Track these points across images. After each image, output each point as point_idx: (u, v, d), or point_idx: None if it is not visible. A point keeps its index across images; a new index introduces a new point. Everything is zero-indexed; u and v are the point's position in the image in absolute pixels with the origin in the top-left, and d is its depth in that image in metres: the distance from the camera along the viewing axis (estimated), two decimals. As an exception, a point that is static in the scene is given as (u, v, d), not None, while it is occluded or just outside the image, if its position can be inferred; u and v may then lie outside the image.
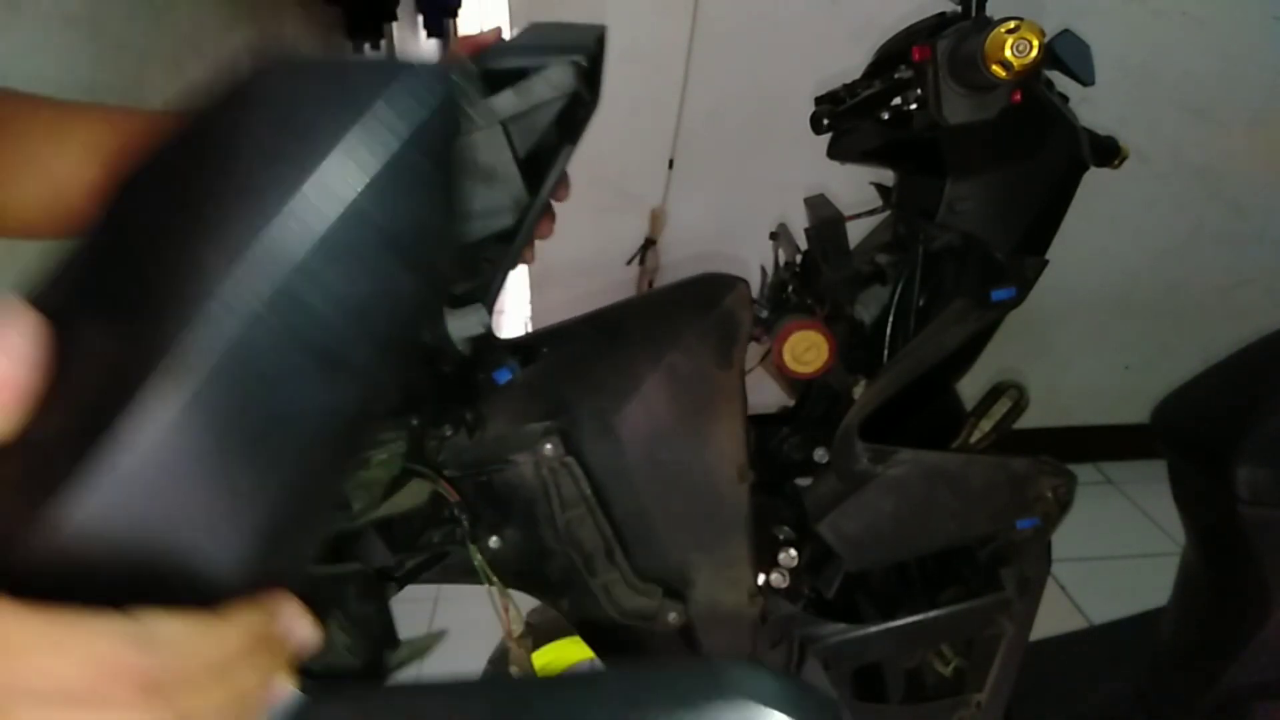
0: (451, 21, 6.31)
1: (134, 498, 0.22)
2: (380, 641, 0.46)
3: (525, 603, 1.30)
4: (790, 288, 0.97)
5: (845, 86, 0.91)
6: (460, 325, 0.48)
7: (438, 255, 0.26)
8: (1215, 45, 2.10)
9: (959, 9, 0.86)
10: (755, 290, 1.00)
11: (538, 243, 0.53)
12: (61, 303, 0.23)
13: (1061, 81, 0.93)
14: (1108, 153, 0.95)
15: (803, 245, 1.01)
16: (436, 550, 0.54)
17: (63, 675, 0.22)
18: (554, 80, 0.46)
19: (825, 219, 0.95)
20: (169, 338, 0.21)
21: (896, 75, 0.84)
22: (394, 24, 4.68)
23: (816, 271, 0.97)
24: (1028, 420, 0.92)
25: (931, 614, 0.91)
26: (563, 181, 0.55)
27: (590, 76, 0.50)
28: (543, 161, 0.51)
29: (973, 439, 0.91)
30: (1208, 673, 1.03)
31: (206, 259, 0.21)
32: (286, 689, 0.28)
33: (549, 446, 0.52)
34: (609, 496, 0.53)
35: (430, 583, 0.57)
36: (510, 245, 0.52)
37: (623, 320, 0.56)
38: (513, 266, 0.54)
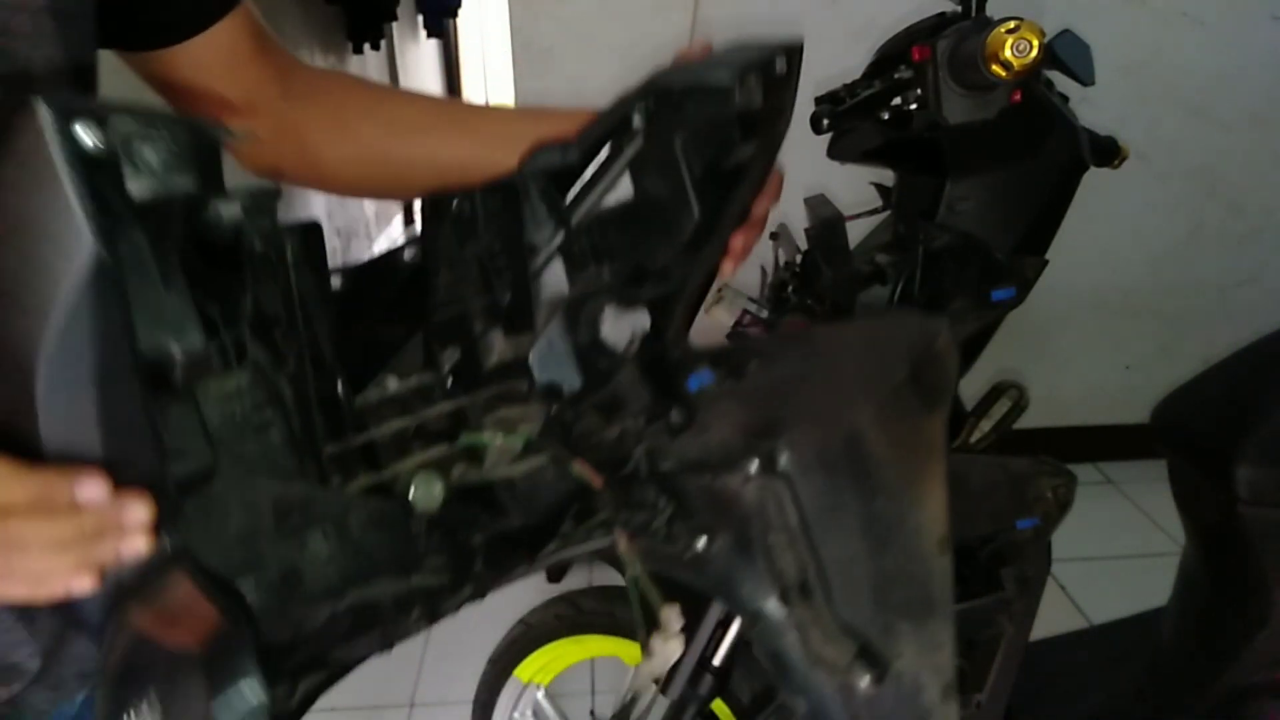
0: (451, 21, 6.31)
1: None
2: (374, 569, 0.47)
3: (540, 595, 1.30)
4: (790, 288, 0.97)
5: (845, 86, 0.91)
6: (615, 326, 0.51)
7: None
8: (1215, 45, 2.10)
9: (959, 9, 0.86)
10: (756, 290, 1.01)
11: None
12: None
13: (1061, 81, 0.93)
14: (1107, 153, 0.95)
15: (803, 245, 1.01)
16: (583, 524, 0.54)
17: None
18: (713, 98, 0.47)
19: (825, 219, 0.95)
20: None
21: (896, 75, 0.84)
22: (394, 24, 4.68)
23: (816, 271, 0.97)
24: (1028, 420, 0.92)
25: (931, 614, 0.91)
26: (766, 192, 0.57)
27: (772, 93, 0.50)
28: (739, 176, 0.52)
29: (973, 439, 0.91)
30: (1208, 673, 1.03)
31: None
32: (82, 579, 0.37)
33: (755, 463, 0.50)
34: (820, 531, 0.51)
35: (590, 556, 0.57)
36: (698, 257, 0.53)
37: (831, 349, 0.55)
38: (708, 278, 0.55)
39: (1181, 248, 2.28)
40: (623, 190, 0.51)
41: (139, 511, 0.37)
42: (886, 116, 0.87)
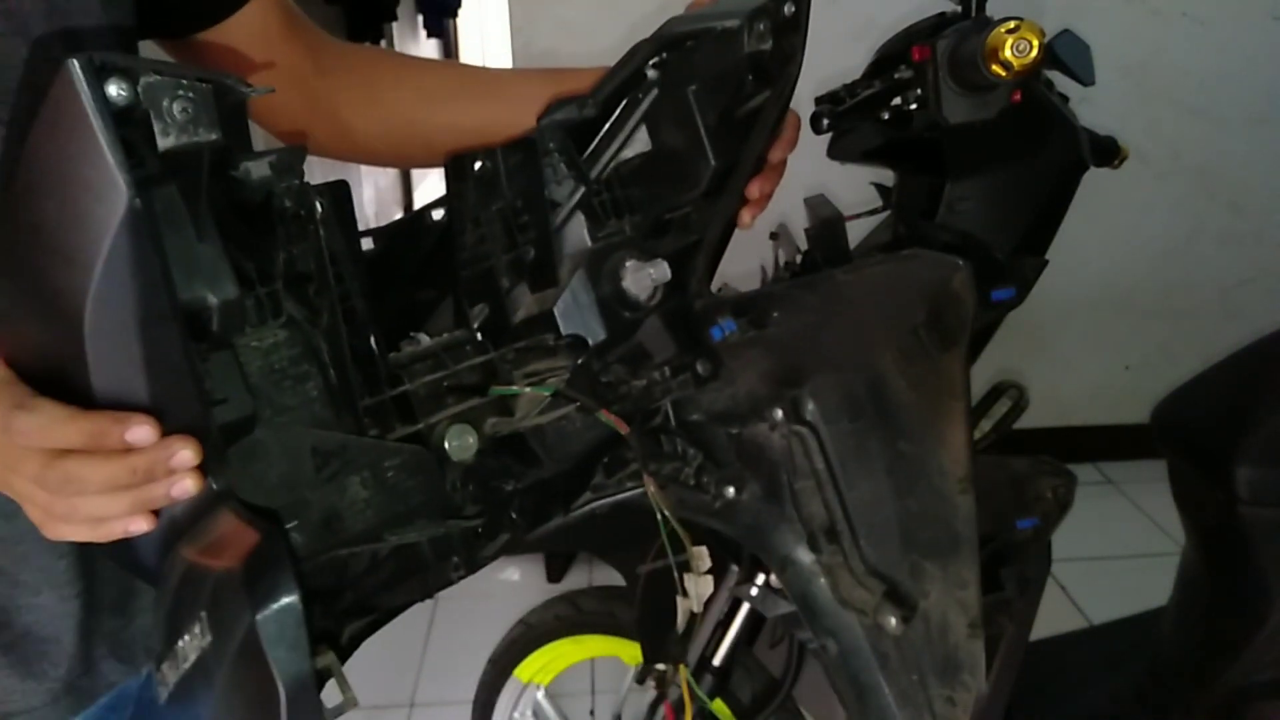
0: (451, 21, 6.31)
1: (23, 326, 0.39)
2: (410, 513, 0.48)
3: (540, 595, 1.30)
4: (790, 288, 0.97)
5: (845, 86, 0.91)
6: (637, 278, 0.52)
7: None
8: (1215, 45, 2.10)
9: (959, 9, 0.86)
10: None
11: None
12: None
13: (1061, 81, 0.93)
14: (1108, 153, 0.95)
15: (803, 245, 1.01)
16: (614, 475, 0.56)
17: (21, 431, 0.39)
18: (724, 42, 0.48)
19: (825, 219, 0.95)
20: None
21: (896, 75, 0.84)
22: (394, 24, 4.68)
23: (816, 271, 0.97)
24: (1028, 420, 0.92)
25: (931, 614, 0.91)
26: (782, 138, 0.57)
27: (781, 36, 0.51)
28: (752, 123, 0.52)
29: (973, 439, 0.91)
30: (1208, 673, 1.03)
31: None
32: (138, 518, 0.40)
33: (780, 412, 0.52)
34: (846, 476, 0.53)
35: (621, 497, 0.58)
36: (717, 206, 0.54)
37: (850, 294, 0.54)
38: (722, 226, 0.56)
39: (1181, 248, 2.28)
40: (639, 143, 0.52)
41: (187, 453, 0.39)
42: (886, 116, 0.87)
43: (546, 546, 1.71)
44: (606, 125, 0.51)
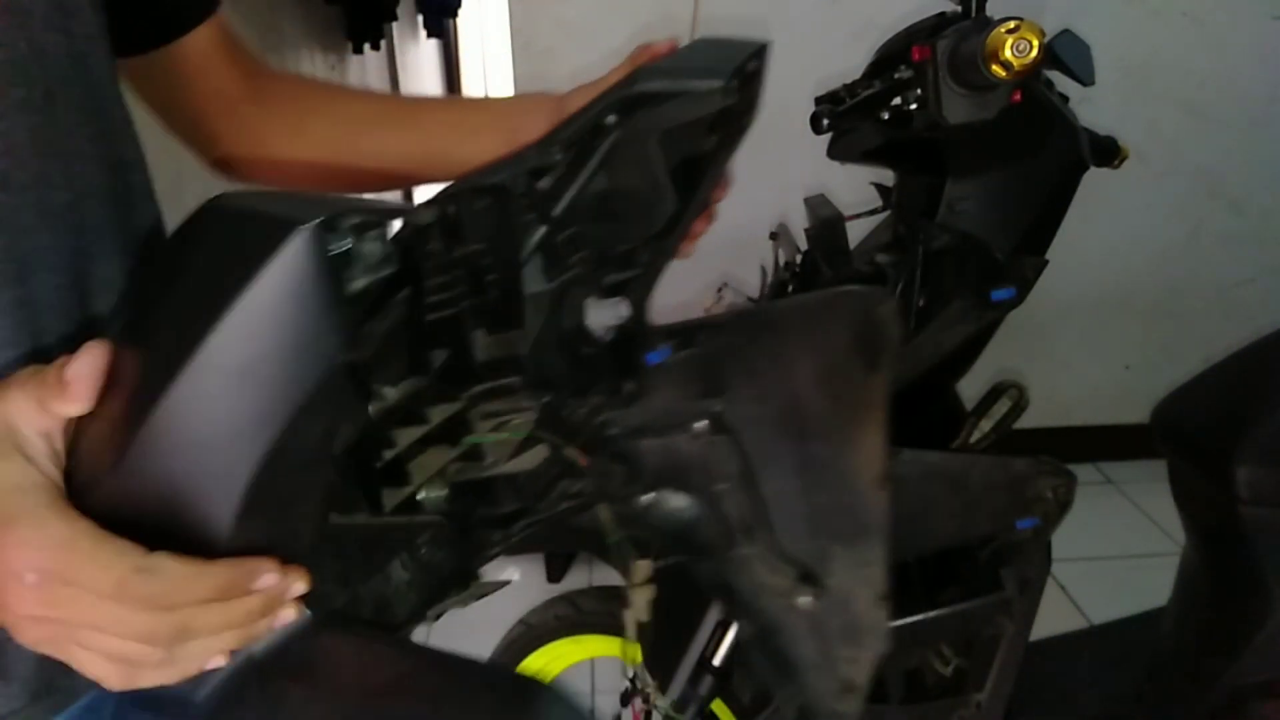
0: (451, 22, 6.30)
1: (158, 467, 0.35)
2: (444, 584, 0.49)
3: (540, 595, 1.30)
4: (790, 288, 0.97)
5: (845, 86, 0.91)
6: (600, 315, 0.53)
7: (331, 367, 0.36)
8: (1215, 45, 2.10)
9: (959, 9, 0.86)
10: (755, 290, 1.01)
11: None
12: (114, 334, 0.37)
13: (1061, 81, 0.93)
14: (1107, 153, 0.95)
15: (803, 245, 1.01)
16: (569, 501, 0.58)
17: (90, 578, 0.34)
18: (697, 101, 0.49)
19: (825, 219, 0.95)
20: (173, 366, 0.34)
21: (896, 75, 0.84)
22: (394, 24, 4.67)
23: (816, 271, 0.97)
24: (1028, 420, 0.92)
25: (931, 614, 0.91)
26: (722, 182, 0.61)
27: (744, 90, 0.52)
28: (702, 166, 0.55)
29: (973, 439, 0.91)
30: (1208, 673, 1.03)
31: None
32: (268, 628, 0.38)
33: (704, 422, 0.57)
34: (760, 476, 0.58)
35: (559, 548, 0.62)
36: (665, 243, 0.56)
37: (776, 319, 0.61)
38: (668, 260, 0.59)
39: (1181, 248, 2.28)
40: (596, 182, 0.52)
41: (300, 585, 0.38)
42: (886, 116, 0.87)
43: (547, 547, 1.71)
44: (564, 166, 0.52)
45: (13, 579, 0.35)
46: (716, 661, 0.95)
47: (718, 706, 1.08)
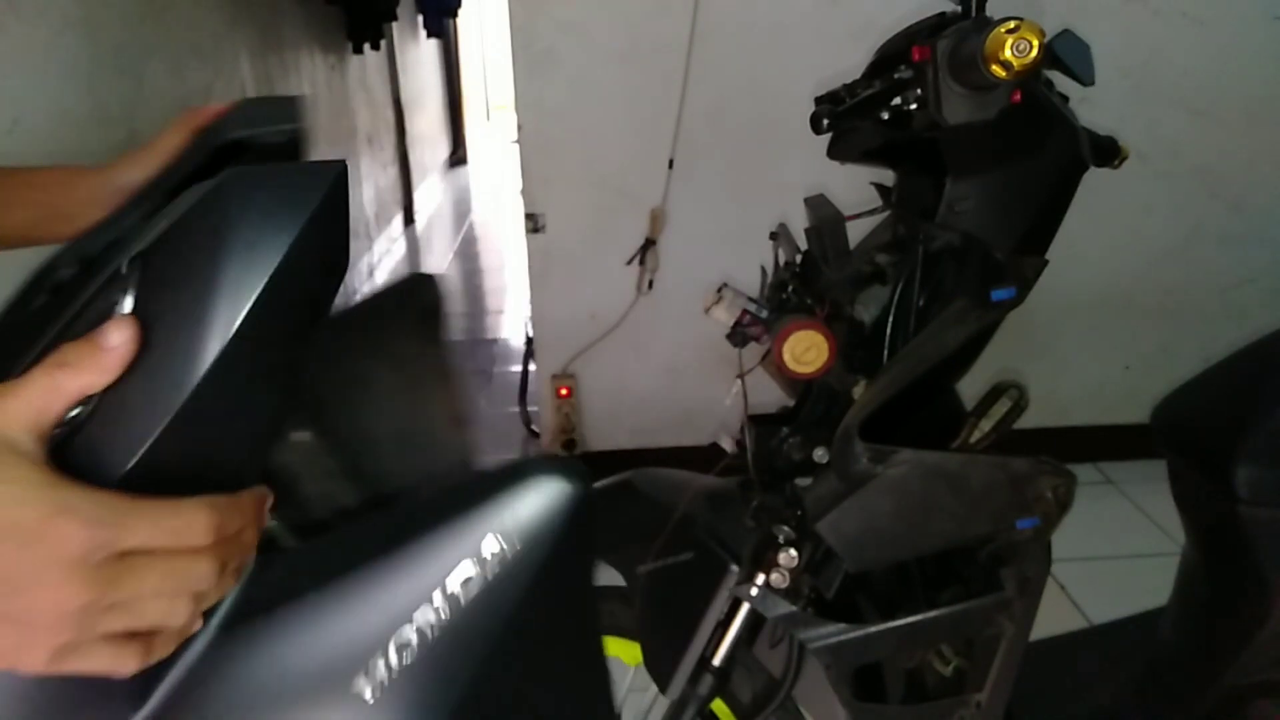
0: (451, 21, 6.31)
1: (183, 434, 0.38)
2: None
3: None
4: (790, 288, 0.97)
5: (845, 86, 0.91)
6: None
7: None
8: (1215, 45, 2.10)
9: (959, 9, 0.86)
10: (755, 290, 1.01)
11: (545, 239, 0.59)
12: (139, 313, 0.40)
13: (1061, 81, 0.93)
14: (1108, 153, 0.95)
15: (803, 245, 1.01)
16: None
17: (148, 536, 0.36)
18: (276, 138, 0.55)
19: (825, 219, 0.95)
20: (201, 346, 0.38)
21: (896, 75, 0.84)
22: (394, 24, 4.68)
23: (816, 271, 0.97)
24: (1028, 420, 0.92)
25: (931, 614, 0.91)
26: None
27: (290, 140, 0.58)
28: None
29: (973, 439, 0.91)
30: (1208, 673, 1.03)
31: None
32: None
33: (299, 436, 0.60)
34: (362, 464, 0.62)
35: None
36: None
37: (340, 327, 0.64)
38: None
39: (1181, 248, 2.29)
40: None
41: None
42: (886, 116, 0.87)
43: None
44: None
45: (67, 569, 0.33)
46: (716, 661, 0.95)
47: (718, 706, 1.08)
